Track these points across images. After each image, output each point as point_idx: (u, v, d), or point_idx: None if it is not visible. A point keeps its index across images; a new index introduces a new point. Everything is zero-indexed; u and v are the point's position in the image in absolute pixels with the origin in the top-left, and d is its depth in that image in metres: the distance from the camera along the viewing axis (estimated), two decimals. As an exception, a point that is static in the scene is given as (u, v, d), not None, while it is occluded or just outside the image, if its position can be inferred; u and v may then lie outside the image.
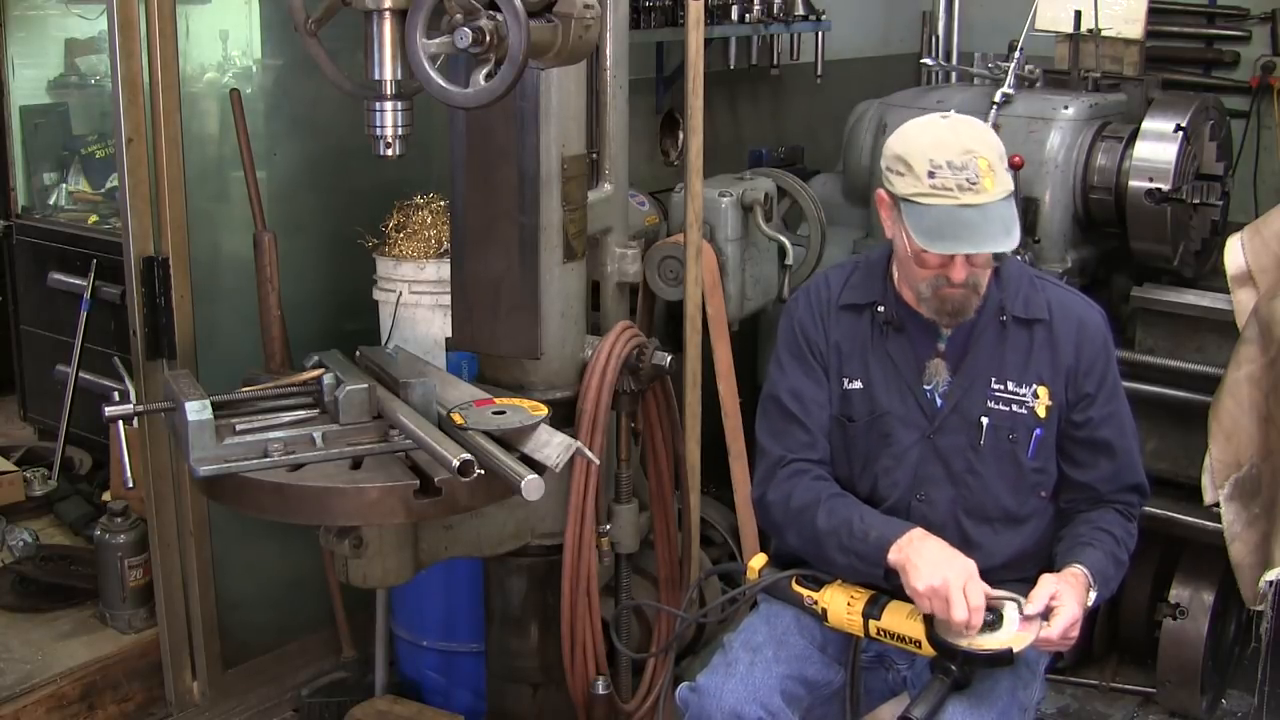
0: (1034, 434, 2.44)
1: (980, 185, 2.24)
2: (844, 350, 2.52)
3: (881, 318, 2.49)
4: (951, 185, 2.24)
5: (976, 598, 2.21)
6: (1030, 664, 2.42)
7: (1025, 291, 2.46)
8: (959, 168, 2.25)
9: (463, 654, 3.40)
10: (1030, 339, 2.45)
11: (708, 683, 2.41)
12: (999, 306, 2.44)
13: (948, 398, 2.45)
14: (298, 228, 3.60)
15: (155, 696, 3.56)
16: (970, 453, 2.44)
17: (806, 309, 2.57)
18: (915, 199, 2.28)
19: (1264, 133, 5.48)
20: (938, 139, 2.29)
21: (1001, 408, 2.43)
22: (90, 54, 5.22)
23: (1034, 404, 2.43)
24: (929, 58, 5.28)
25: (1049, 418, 2.44)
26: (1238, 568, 3.30)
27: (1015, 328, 2.45)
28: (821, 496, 2.44)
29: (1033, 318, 2.45)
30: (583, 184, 2.85)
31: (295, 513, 2.35)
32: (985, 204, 2.25)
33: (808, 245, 3.86)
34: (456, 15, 2.02)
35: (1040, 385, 2.43)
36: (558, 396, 2.80)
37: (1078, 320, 2.47)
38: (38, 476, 4.52)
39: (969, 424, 2.44)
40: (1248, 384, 3.24)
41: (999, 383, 2.44)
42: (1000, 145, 2.33)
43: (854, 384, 2.50)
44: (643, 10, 4.12)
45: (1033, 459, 2.45)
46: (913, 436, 2.46)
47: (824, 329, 2.53)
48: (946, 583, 2.21)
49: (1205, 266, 3.84)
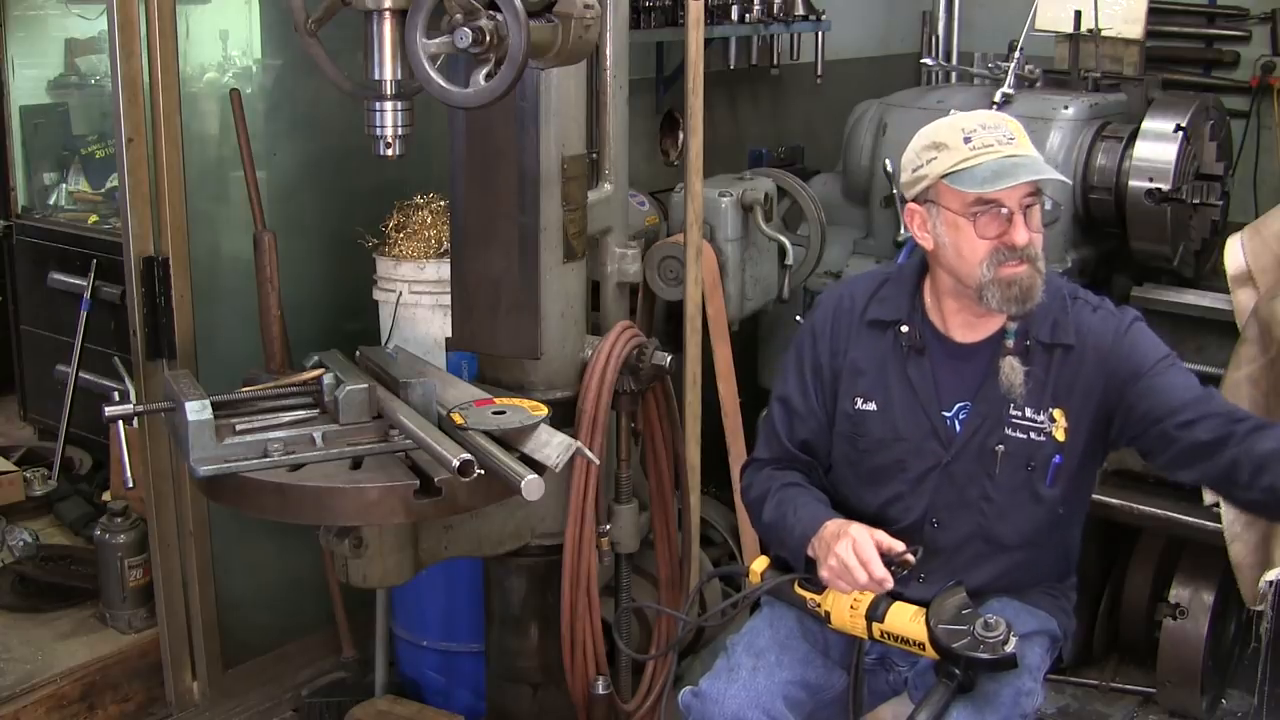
0: (1052, 461, 2.36)
1: (1018, 142, 2.25)
2: (861, 368, 2.45)
3: (905, 339, 2.41)
4: (991, 141, 2.24)
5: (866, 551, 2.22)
6: (1033, 671, 2.38)
7: (1055, 314, 2.36)
8: (993, 127, 2.26)
9: (463, 654, 3.40)
10: (1050, 362, 2.35)
11: (710, 688, 2.39)
12: (1024, 330, 2.35)
13: (968, 424, 2.37)
14: (298, 228, 3.60)
15: (155, 696, 3.57)
16: (986, 481, 2.38)
17: (825, 321, 2.51)
18: (959, 166, 2.24)
19: (1264, 133, 5.48)
20: (959, 118, 2.31)
21: (1019, 435, 2.35)
22: (90, 54, 5.22)
23: (1051, 429, 2.34)
24: (929, 58, 5.28)
25: (1069, 442, 2.35)
26: (1238, 568, 3.31)
27: (1039, 352, 2.35)
28: (772, 488, 2.47)
29: (1057, 343, 2.35)
30: (583, 184, 2.85)
31: (295, 513, 2.35)
32: (1028, 154, 2.25)
33: (808, 245, 3.85)
34: (456, 15, 2.02)
35: (1056, 409, 2.34)
36: (558, 396, 2.80)
37: (1109, 338, 2.34)
38: (38, 476, 4.52)
39: (984, 453, 2.37)
40: (1248, 384, 3.24)
41: (1016, 410, 2.35)
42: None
43: (868, 405, 2.44)
44: (643, 10, 4.12)
45: (1051, 487, 2.38)
46: (927, 464, 2.40)
47: (842, 344, 2.47)
48: (840, 559, 2.23)
49: (1205, 266, 3.84)
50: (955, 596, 2.29)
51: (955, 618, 2.25)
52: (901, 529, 2.42)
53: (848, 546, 2.24)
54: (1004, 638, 2.19)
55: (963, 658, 2.21)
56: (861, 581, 2.23)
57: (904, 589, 2.38)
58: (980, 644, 2.19)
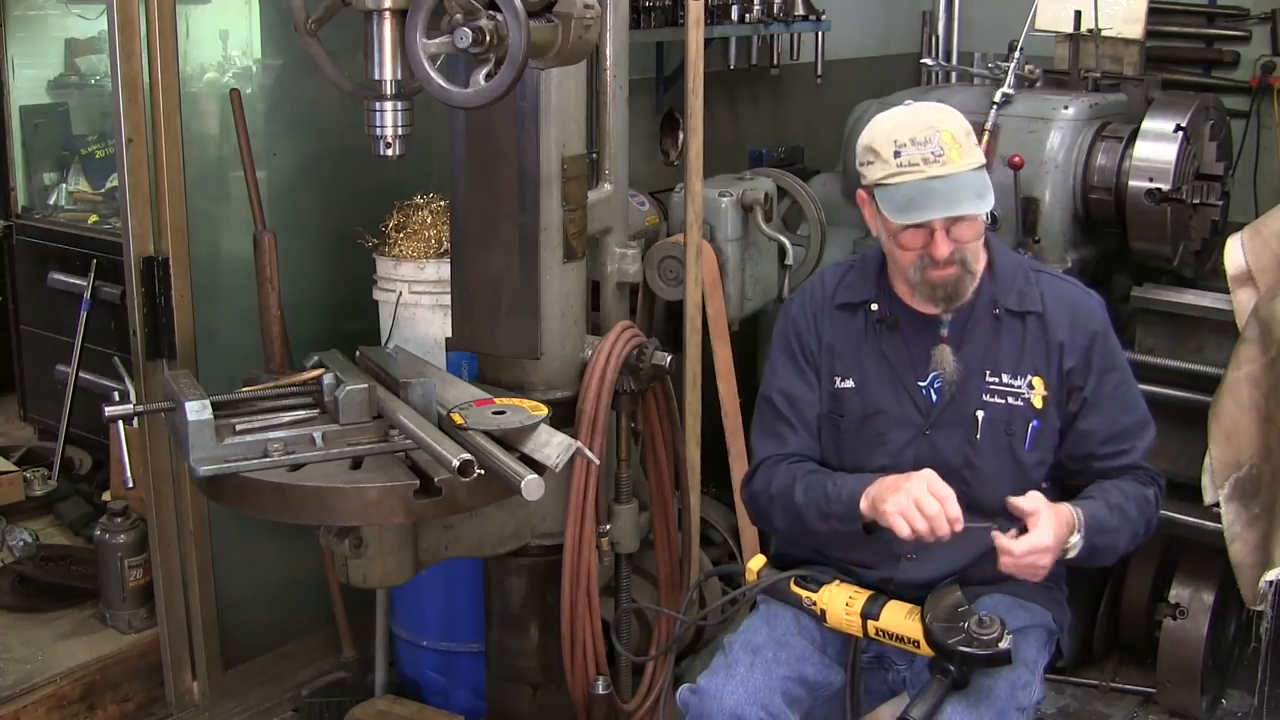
0: (1031, 425, 2.43)
1: (946, 157, 2.28)
2: (837, 350, 2.53)
3: (875, 315, 2.49)
4: (917, 160, 2.28)
5: (942, 488, 2.23)
6: (1029, 664, 2.41)
7: (1020, 285, 2.46)
8: (922, 143, 2.28)
9: (463, 654, 3.40)
10: (1023, 330, 2.44)
11: (708, 685, 2.40)
12: (992, 300, 2.44)
13: (944, 392, 2.44)
14: (298, 228, 3.60)
15: (155, 696, 3.57)
16: (968, 448, 2.44)
17: (800, 309, 2.59)
18: (885, 181, 2.31)
19: (1264, 133, 5.48)
20: (900, 122, 2.34)
21: (997, 401, 2.43)
22: (90, 54, 5.23)
23: (1030, 395, 2.42)
24: (929, 58, 5.29)
25: (1046, 408, 2.43)
26: (1238, 568, 3.30)
27: (1009, 320, 2.44)
28: (798, 475, 2.48)
29: (1026, 310, 2.45)
30: (583, 184, 2.85)
31: (295, 513, 2.34)
32: (953, 174, 2.28)
33: (808, 245, 3.86)
34: (456, 15, 2.02)
35: (1035, 376, 2.42)
36: (558, 396, 2.80)
37: (1070, 307, 2.46)
38: (38, 476, 4.52)
39: (965, 419, 2.44)
40: (1248, 384, 3.24)
41: (993, 375, 2.43)
42: (965, 122, 2.35)
43: (846, 383, 2.51)
44: (643, 10, 4.12)
45: (1030, 451, 2.44)
46: (908, 434, 2.46)
47: (816, 329, 2.55)
48: (908, 493, 2.23)
49: (1205, 266, 3.85)
50: (950, 595, 2.32)
51: (950, 615, 2.28)
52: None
53: (922, 483, 2.24)
54: (998, 634, 2.22)
55: (957, 654, 2.24)
56: (932, 512, 2.21)
57: (894, 572, 2.45)
58: (974, 640, 2.23)
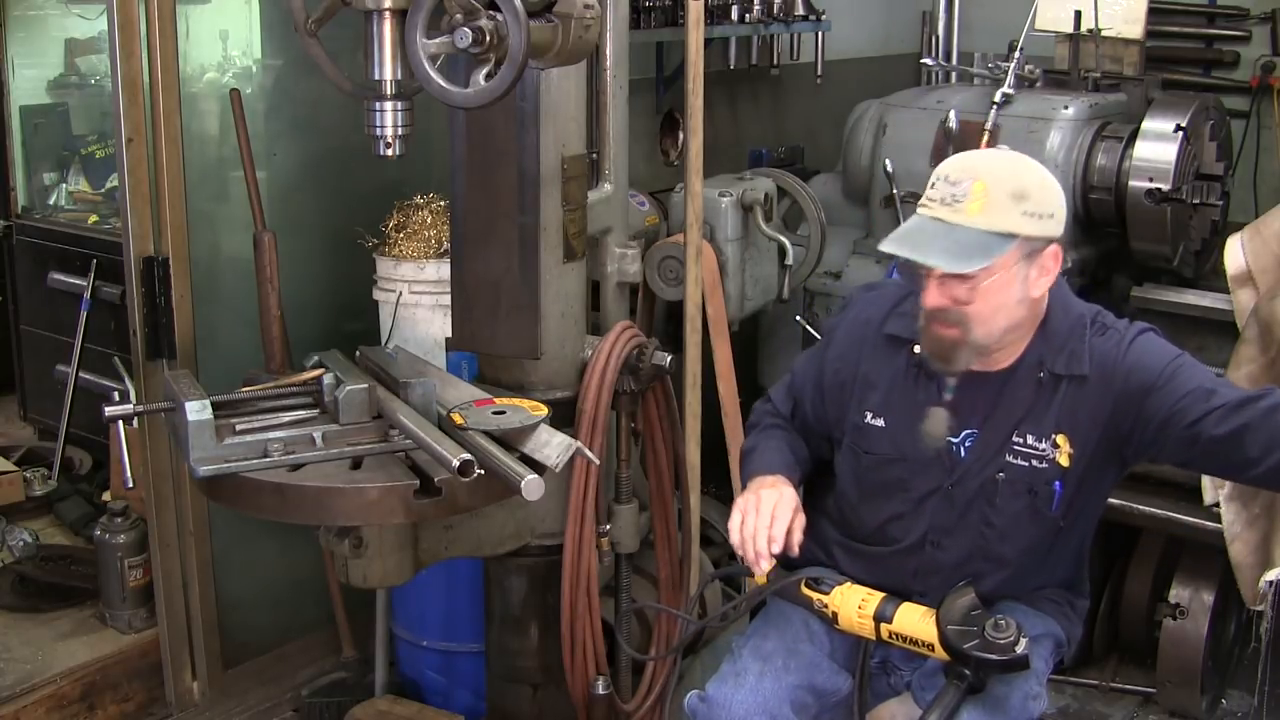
0: (1054, 486, 2.31)
1: (963, 206, 2.15)
2: (873, 382, 2.41)
3: (915, 359, 2.36)
4: (937, 199, 2.18)
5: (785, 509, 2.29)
6: (1038, 675, 2.37)
7: (1073, 346, 2.29)
8: (953, 183, 2.17)
9: (463, 654, 3.40)
10: (1056, 388, 2.30)
11: (717, 693, 2.36)
12: (1039, 361, 2.30)
13: (974, 451, 2.34)
14: (298, 228, 3.60)
15: (155, 696, 3.57)
16: (986, 507, 2.35)
17: (848, 331, 2.48)
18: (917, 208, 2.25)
19: (1264, 133, 5.48)
20: (960, 159, 2.24)
21: (1020, 463, 2.31)
22: (90, 54, 5.22)
23: (1054, 455, 2.30)
24: (929, 58, 5.28)
25: (1073, 467, 2.30)
26: (1238, 568, 3.31)
27: (1048, 382, 2.30)
28: (763, 423, 2.56)
29: (1071, 374, 2.29)
30: (583, 184, 2.85)
31: (295, 513, 2.34)
32: (957, 224, 2.15)
33: (808, 245, 3.86)
34: (456, 15, 2.02)
35: (1059, 434, 2.29)
36: (558, 396, 2.80)
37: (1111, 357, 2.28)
38: (38, 476, 4.52)
39: (987, 480, 2.34)
40: (1248, 384, 3.24)
41: (1019, 437, 2.31)
42: (1025, 183, 2.19)
43: (876, 420, 2.40)
44: (643, 10, 4.12)
45: (1054, 511, 2.34)
46: (930, 486, 2.37)
47: (855, 354, 2.44)
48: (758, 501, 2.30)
49: (1205, 266, 3.84)
50: (964, 597, 2.25)
51: (965, 619, 2.22)
52: (901, 549, 2.41)
53: (774, 496, 2.29)
54: (1014, 639, 2.16)
55: (974, 659, 2.18)
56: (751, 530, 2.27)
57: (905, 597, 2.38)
58: (991, 645, 2.17)
